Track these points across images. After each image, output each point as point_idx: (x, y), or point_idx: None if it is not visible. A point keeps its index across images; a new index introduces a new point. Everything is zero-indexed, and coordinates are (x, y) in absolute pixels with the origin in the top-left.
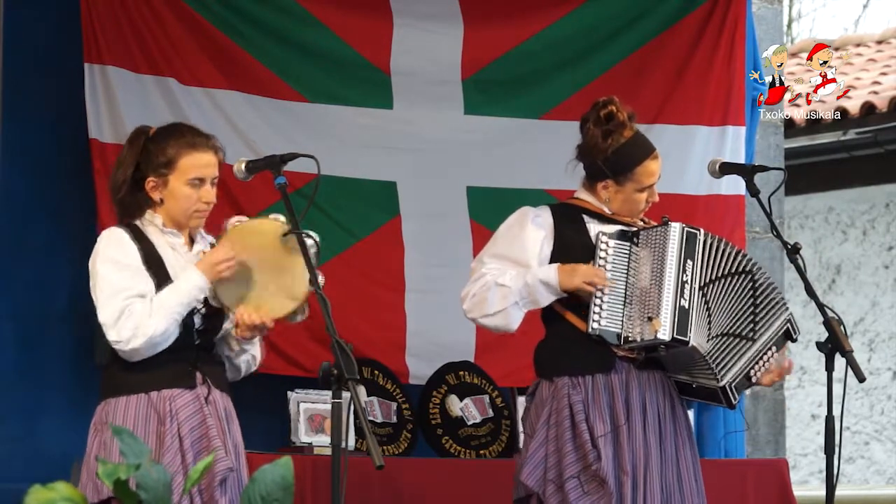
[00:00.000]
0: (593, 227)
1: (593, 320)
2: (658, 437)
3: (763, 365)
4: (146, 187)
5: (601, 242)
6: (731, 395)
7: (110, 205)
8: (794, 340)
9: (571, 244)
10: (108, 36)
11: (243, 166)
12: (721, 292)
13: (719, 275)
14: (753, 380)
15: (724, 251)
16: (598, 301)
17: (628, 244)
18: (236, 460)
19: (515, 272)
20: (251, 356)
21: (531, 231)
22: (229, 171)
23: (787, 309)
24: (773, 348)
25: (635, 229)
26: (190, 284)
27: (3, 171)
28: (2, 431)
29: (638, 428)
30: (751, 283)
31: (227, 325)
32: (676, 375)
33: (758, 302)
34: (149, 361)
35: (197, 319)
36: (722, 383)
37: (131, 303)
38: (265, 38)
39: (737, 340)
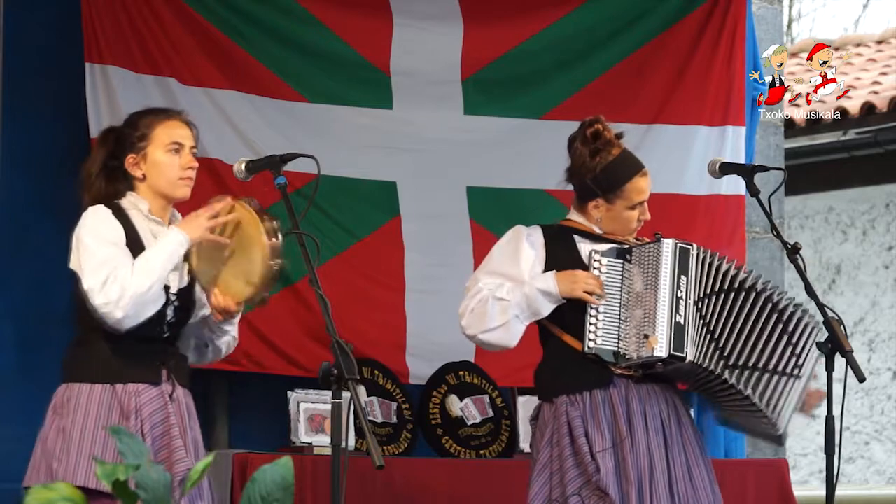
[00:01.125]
0: (584, 246)
1: (589, 339)
2: (664, 447)
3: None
4: (126, 166)
5: (594, 261)
6: (784, 435)
7: None
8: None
9: (563, 263)
10: (108, 36)
11: (243, 166)
12: (720, 308)
13: (715, 289)
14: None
15: (718, 266)
16: (593, 320)
17: (621, 262)
18: (195, 459)
19: (512, 285)
20: (231, 337)
21: (525, 249)
22: (229, 171)
23: (818, 327)
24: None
25: (628, 247)
26: (169, 239)
27: (3, 171)
28: (2, 431)
29: (641, 439)
30: (771, 307)
31: (205, 312)
32: (734, 424)
33: (790, 329)
34: (116, 350)
35: (170, 311)
36: (780, 431)
37: (116, 270)
38: (265, 38)
39: (785, 380)
